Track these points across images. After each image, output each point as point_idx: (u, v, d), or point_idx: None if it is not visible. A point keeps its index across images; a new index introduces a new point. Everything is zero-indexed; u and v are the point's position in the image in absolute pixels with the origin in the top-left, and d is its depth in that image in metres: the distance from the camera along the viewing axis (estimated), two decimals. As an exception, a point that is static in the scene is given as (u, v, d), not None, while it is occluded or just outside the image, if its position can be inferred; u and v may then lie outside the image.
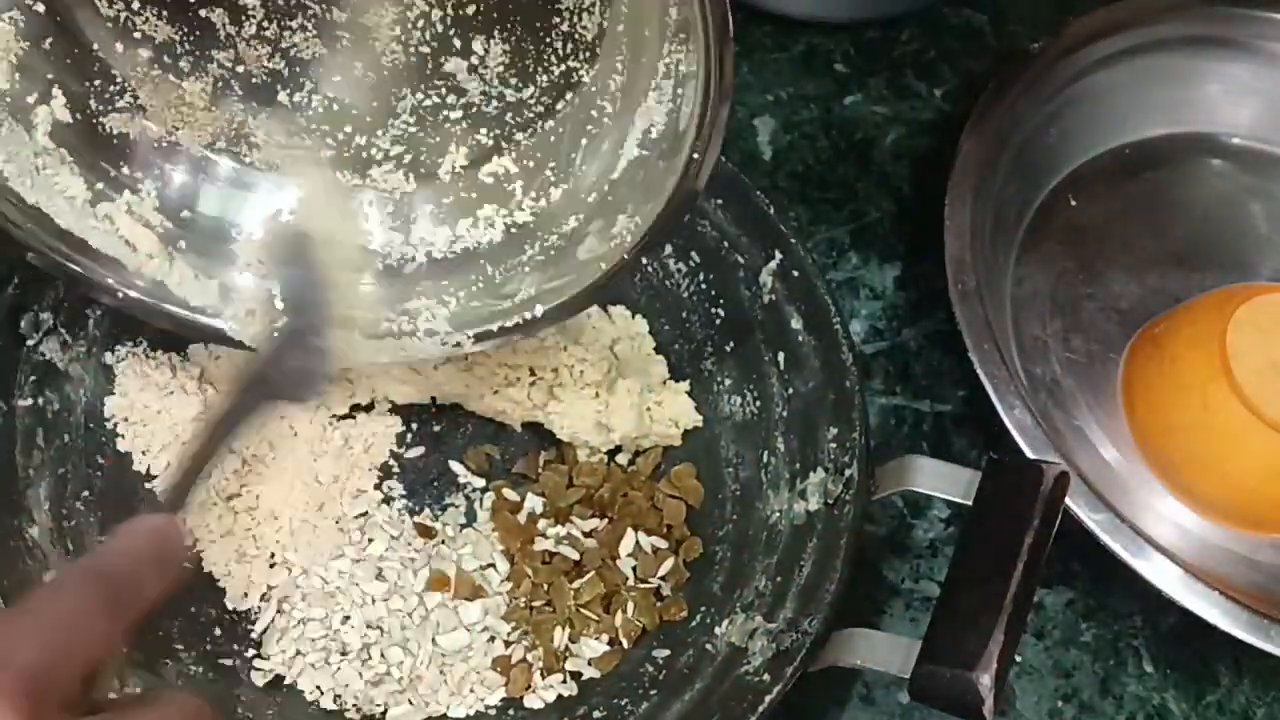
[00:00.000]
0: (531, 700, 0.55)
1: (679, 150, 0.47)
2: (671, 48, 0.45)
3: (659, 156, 0.48)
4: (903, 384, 0.67)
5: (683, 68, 0.45)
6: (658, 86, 0.47)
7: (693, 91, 0.45)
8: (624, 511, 0.59)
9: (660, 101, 0.47)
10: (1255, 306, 0.60)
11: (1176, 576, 0.55)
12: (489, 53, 0.49)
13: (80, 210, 0.51)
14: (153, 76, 0.51)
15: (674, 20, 0.44)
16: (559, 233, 0.53)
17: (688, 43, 0.44)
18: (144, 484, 0.57)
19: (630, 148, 0.49)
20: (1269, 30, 0.72)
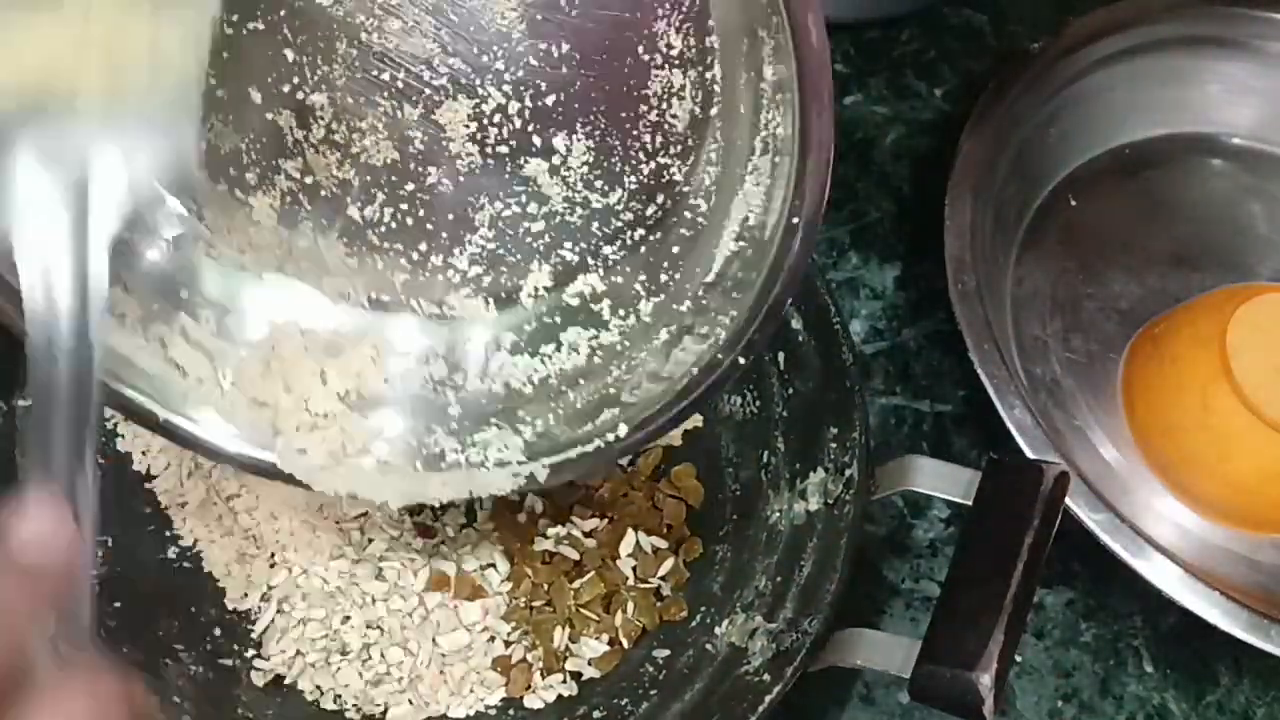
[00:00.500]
0: (531, 700, 0.55)
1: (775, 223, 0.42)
2: (769, 116, 0.41)
3: (755, 243, 0.44)
4: (903, 384, 0.67)
5: (780, 130, 0.41)
6: (755, 168, 0.43)
7: (789, 149, 0.41)
8: (624, 511, 0.59)
9: (758, 184, 0.43)
10: (1255, 306, 0.60)
11: (1176, 576, 0.55)
12: (571, 151, 0.45)
13: (129, 329, 0.47)
14: (219, 193, 0.47)
15: (770, 83, 0.40)
16: (648, 349, 0.48)
17: (783, 105, 0.40)
18: (144, 484, 0.57)
19: (727, 243, 0.45)
20: (1269, 30, 0.72)
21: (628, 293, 0.49)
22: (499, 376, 0.50)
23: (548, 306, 0.50)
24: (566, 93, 0.44)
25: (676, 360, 0.47)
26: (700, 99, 0.44)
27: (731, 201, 0.45)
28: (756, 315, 0.45)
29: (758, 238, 0.44)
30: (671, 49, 0.43)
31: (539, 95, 0.44)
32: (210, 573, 0.56)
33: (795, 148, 0.40)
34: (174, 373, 0.49)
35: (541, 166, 0.46)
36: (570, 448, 0.49)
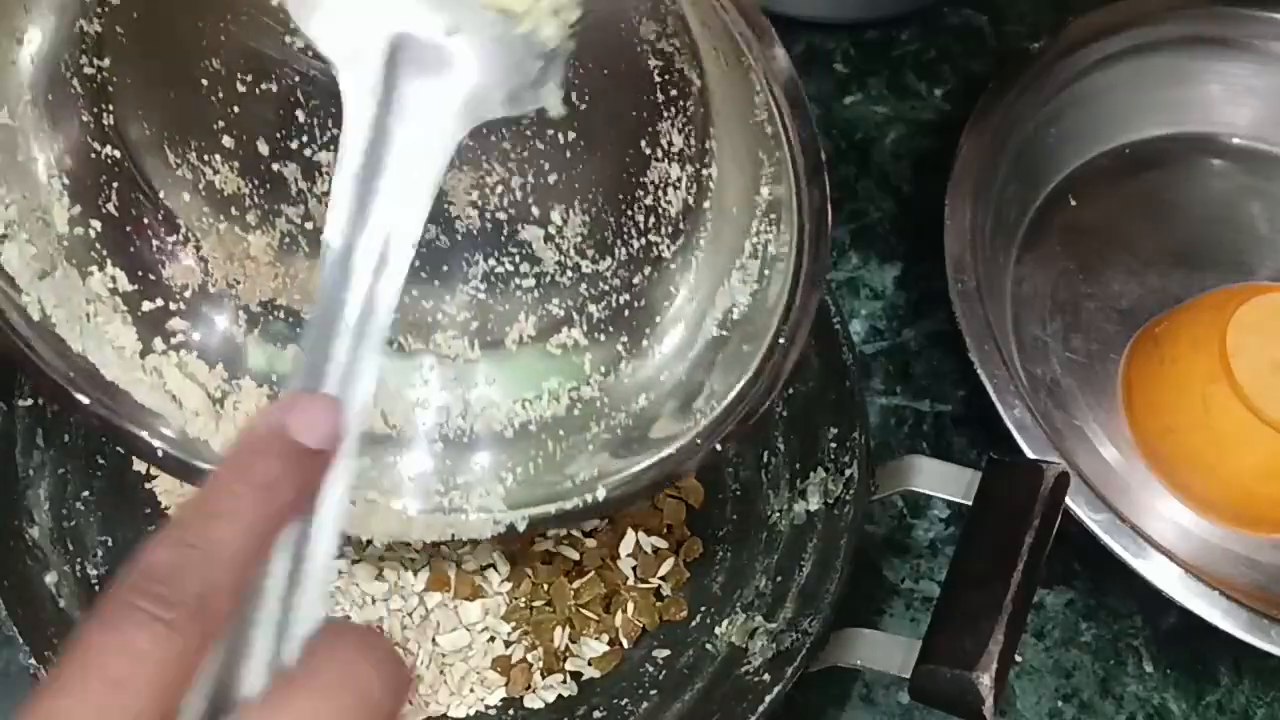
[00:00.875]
0: (531, 700, 0.55)
1: (763, 333, 0.44)
2: (760, 227, 0.43)
3: (741, 338, 0.45)
4: (903, 384, 0.67)
5: (771, 249, 0.43)
6: (743, 266, 0.44)
7: (781, 273, 0.42)
8: (624, 511, 0.59)
9: (744, 282, 0.45)
10: (1255, 306, 0.60)
11: (1176, 576, 0.55)
12: (567, 223, 0.47)
13: (128, 361, 0.48)
14: (218, 229, 0.49)
15: (765, 200, 0.42)
16: (627, 411, 0.50)
17: (778, 224, 0.42)
18: (144, 484, 0.57)
19: (709, 327, 0.47)
20: (1269, 30, 0.72)
21: (609, 352, 0.50)
22: (481, 418, 0.52)
23: (531, 354, 0.51)
24: (568, 173, 0.45)
25: (659, 428, 0.49)
26: (695, 192, 0.46)
27: (716, 289, 0.46)
28: (733, 405, 0.46)
29: (744, 335, 0.45)
30: (672, 145, 0.45)
31: (541, 174, 0.45)
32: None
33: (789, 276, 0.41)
34: (171, 405, 0.49)
35: (537, 234, 0.48)
36: (550, 503, 0.50)
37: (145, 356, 0.49)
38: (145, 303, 0.49)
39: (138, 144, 0.47)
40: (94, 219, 0.47)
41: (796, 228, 0.39)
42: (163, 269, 0.49)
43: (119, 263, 0.48)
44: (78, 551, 0.54)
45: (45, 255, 0.46)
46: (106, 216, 0.48)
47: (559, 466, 0.51)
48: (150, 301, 0.49)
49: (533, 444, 0.51)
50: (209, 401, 0.50)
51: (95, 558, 0.54)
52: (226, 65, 0.45)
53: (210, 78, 0.45)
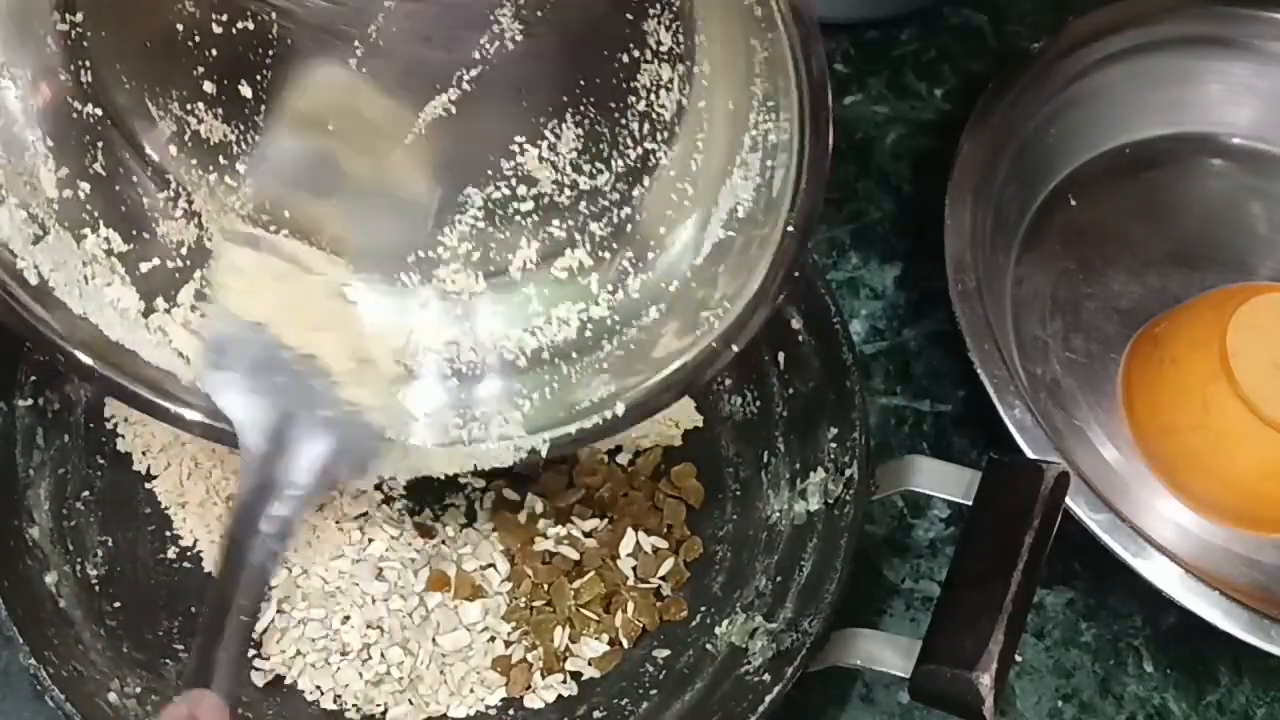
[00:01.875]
0: (531, 700, 0.55)
1: (771, 227, 0.43)
2: (758, 118, 0.42)
3: (747, 238, 0.45)
4: (903, 384, 0.67)
5: (772, 138, 0.42)
6: (744, 162, 0.44)
7: (784, 163, 0.41)
8: (624, 511, 0.59)
9: (747, 178, 0.44)
10: (1255, 306, 0.60)
11: (1176, 576, 0.55)
12: (561, 139, 0.46)
13: (132, 321, 0.48)
14: (208, 180, 0.48)
15: (760, 89, 0.41)
16: (639, 325, 0.49)
17: (777, 111, 0.41)
18: (144, 484, 0.57)
19: (714, 230, 0.46)
20: (1269, 30, 0.72)
21: (615, 269, 0.50)
22: (493, 349, 0.51)
23: (536, 280, 0.51)
24: (556, 84, 0.45)
25: (671, 339, 0.48)
26: (687, 91, 0.45)
27: (718, 190, 0.45)
28: (750, 311, 0.45)
29: (750, 233, 0.45)
30: (661, 45, 0.44)
31: (528, 88, 0.45)
32: (210, 573, 0.56)
33: (792, 163, 0.41)
34: (179, 362, 0.49)
35: (531, 153, 0.47)
36: (569, 423, 0.50)
37: (149, 315, 0.49)
38: (143, 262, 0.49)
39: (119, 99, 0.47)
40: (82, 180, 0.47)
41: (797, 107, 0.39)
42: (156, 227, 0.49)
43: (112, 223, 0.48)
44: (78, 551, 0.54)
45: (36, 219, 0.46)
46: (94, 177, 0.47)
47: (575, 387, 0.50)
48: (148, 261, 0.49)
49: (547, 369, 0.51)
50: None
51: (95, 558, 0.54)
52: (199, 6, 0.44)
53: (185, 22, 0.44)
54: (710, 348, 0.47)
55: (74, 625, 0.51)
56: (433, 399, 0.51)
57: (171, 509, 0.57)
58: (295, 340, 0.47)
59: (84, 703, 0.48)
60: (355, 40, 0.43)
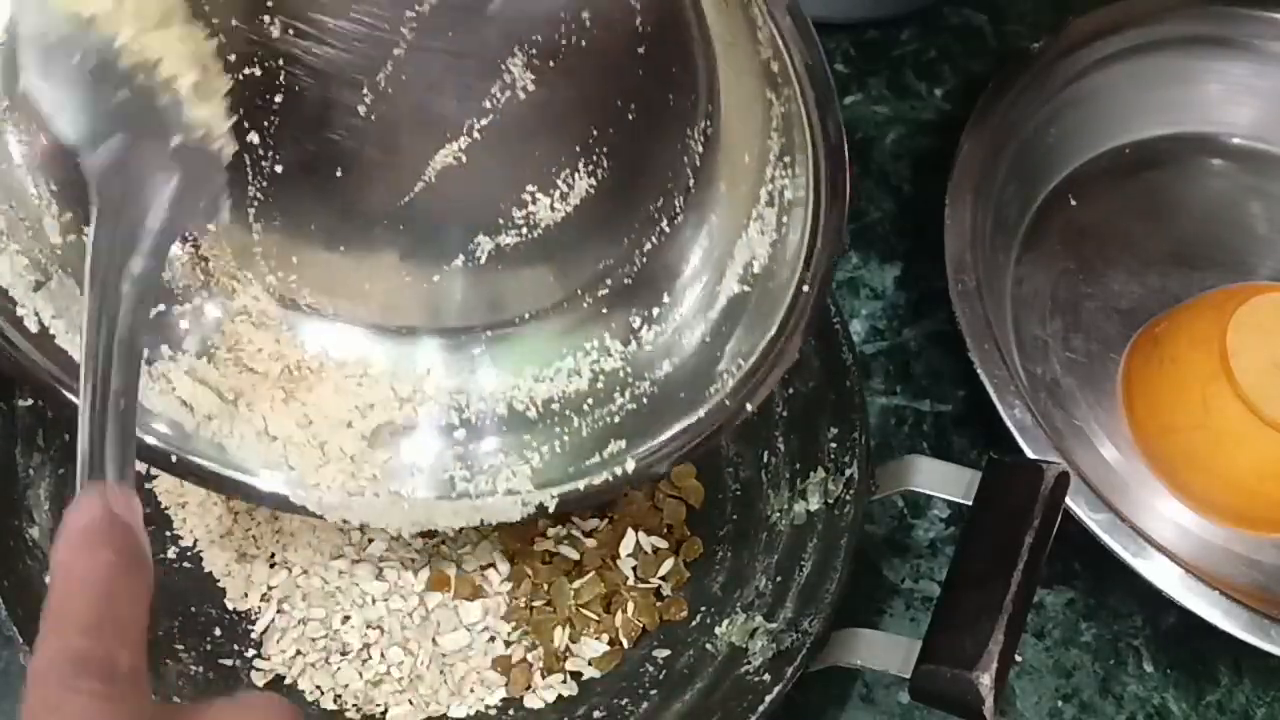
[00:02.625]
0: (531, 700, 0.55)
1: (786, 284, 0.43)
2: (775, 173, 0.42)
3: (762, 292, 0.45)
4: (903, 384, 0.67)
5: (788, 195, 0.42)
6: (760, 216, 0.43)
7: (800, 219, 0.41)
8: (624, 511, 0.59)
9: (763, 233, 0.44)
10: (1255, 306, 0.60)
11: (1176, 576, 0.55)
12: (574, 189, 0.46)
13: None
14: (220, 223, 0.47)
15: (777, 144, 0.41)
16: (652, 379, 0.49)
17: (793, 167, 0.41)
18: (144, 484, 0.57)
19: (730, 284, 0.46)
20: (1269, 30, 0.72)
21: (626, 320, 0.49)
22: (502, 399, 0.51)
23: (547, 328, 0.50)
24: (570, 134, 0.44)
25: (683, 393, 0.48)
26: (705, 144, 0.45)
27: (734, 244, 0.45)
28: (763, 368, 0.45)
29: (766, 287, 0.44)
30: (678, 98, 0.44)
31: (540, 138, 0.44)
32: (210, 573, 0.56)
33: (808, 221, 0.41)
34: (183, 410, 0.49)
35: (543, 201, 0.46)
36: (578, 479, 0.49)
37: (152, 364, 0.48)
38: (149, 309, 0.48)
39: None
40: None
41: (812, 165, 0.38)
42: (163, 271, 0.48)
43: None
44: (78, 551, 0.54)
45: (39, 265, 0.45)
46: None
47: (585, 441, 0.50)
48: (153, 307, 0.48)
49: (557, 421, 0.50)
50: (222, 403, 0.49)
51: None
52: None
53: None
54: (724, 404, 0.47)
55: (74, 625, 0.51)
56: (442, 451, 0.51)
57: (171, 509, 0.57)
58: (132, 41, 0.38)
59: (84, 703, 0.48)
60: (364, 88, 0.42)
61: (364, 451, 0.50)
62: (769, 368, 0.45)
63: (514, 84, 0.42)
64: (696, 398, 0.47)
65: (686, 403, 0.48)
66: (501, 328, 0.51)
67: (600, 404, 0.50)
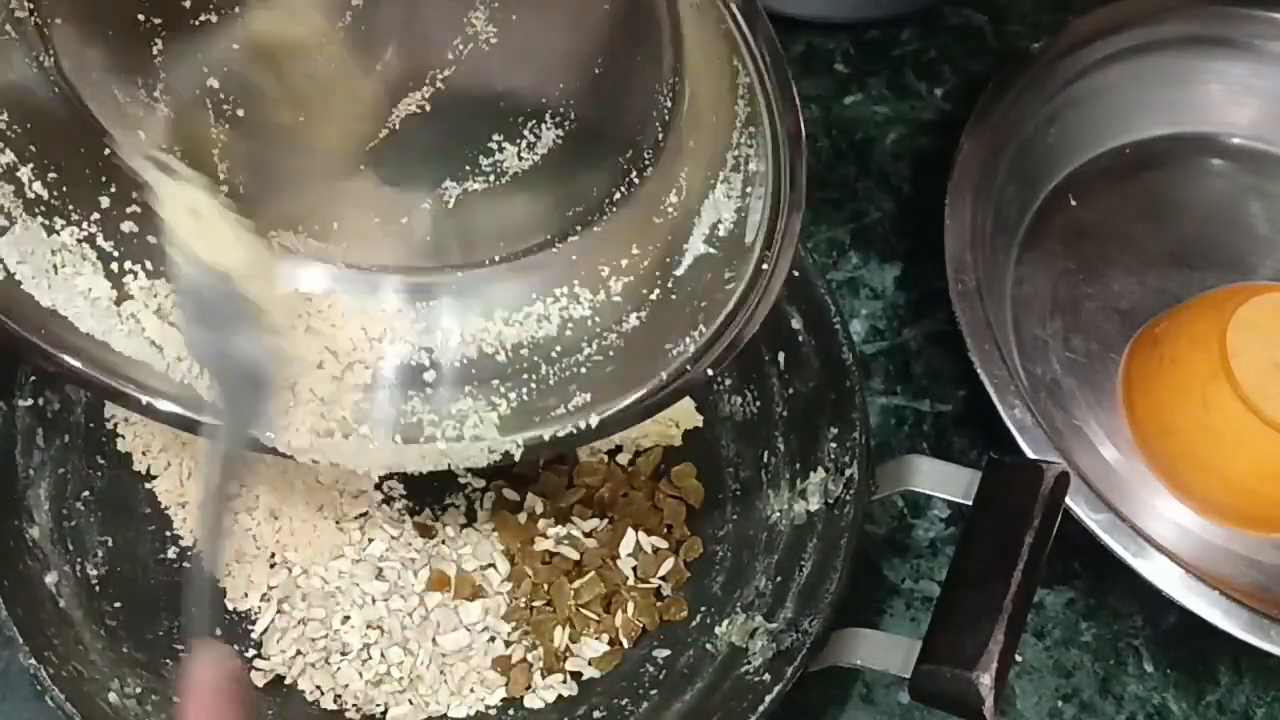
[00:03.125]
0: (531, 700, 0.55)
1: (747, 259, 0.43)
2: (740, 139, 0.42)
3: (727, 258, 0.45)
4: (903, 384, 0.67)
5: (752, 166, 0.42)
6: (726, 179, 0.44)
7: (761, 195, 0.42)
8: (624, 511, 0.59)
9: (729, 196, 0.44)
10: (1255, 306, 0.60)
11: (1176, 576, 0.55)
12: (540, 139, 0.46)
13: (104, 311, 0.48)
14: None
15: (743, 112, 0.41)
16: (619, 331, 0.50)
17: (757, 138, 0.41)
18: (144, 484, 0.57)
19: (696, 242, 0.46)
20: (1269, 30, 0.72)
21: (595, 269, 0.50)
22: (472, 341, 0.51)
23: (517, 272, 0.51)
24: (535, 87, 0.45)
25: (649, 351, 0.48)
26: (673, 100, 0.45)
27: (702, 201, 0.45)
28: (723, 332, 0.46)
29: (731, 252, 0.45)
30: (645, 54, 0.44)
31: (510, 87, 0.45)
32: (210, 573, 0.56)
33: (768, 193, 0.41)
34: (151, 351, 0.49)
35: (510, 150, 0.47)
36: (543, 428, 0.50)
37: (121, 304, 0.48)
38: (115, 249, 0.48)
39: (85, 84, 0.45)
40: (51, 170, 0.46)
41: (771, 150, 0.39)
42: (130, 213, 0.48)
43: (83, 212, 0.47)
44: (78, 551, 0.54)
45: (3, 210, 0.45)
46: (64, 166, 0.47)
47: (552, 390, 0.50)
48: (120, 248, 0.48)
49: (526, 368, 0.51)
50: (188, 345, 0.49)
51: (95, 558, 0.54)
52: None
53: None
54: (684, 368, 0.47)
55: (74, 625, 0.51)
56: (408, 393, 0.51)
57: (171, 509, 0.57)
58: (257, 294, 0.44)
59: (84, 703, 0.48)
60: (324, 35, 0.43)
61: (334, 393, 0.50)
62: (729, 339, 0.46)
63: (477, 36, 0.43)
64: (660, 358, 0.48)
65: (650, 361, 0.48)
66: (471, 269, 0.51)
67: (568, 352, 0.50)
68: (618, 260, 0.49)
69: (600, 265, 0.50)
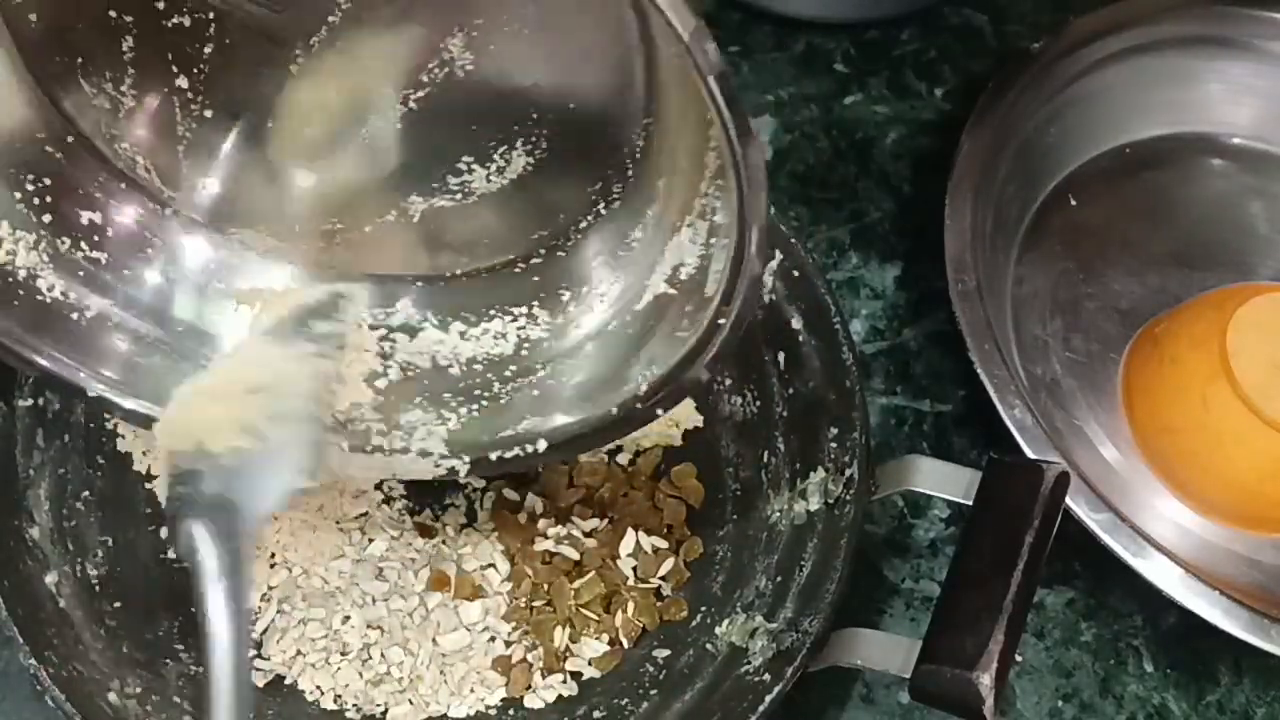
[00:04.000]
0: (531, 700, 0.55)
1: (706, 306, 0.43)
2: (709, 189, 0.42)
3: (685, 303, 0.45)
4: (903, 384, 0.67)
5: (718, 218, 0.42)
6: (692, 225, 0.44)
7: (724, 249, 0.41)
8: (624, 511, 0.59)
9: (694, 242, 0.44)
10: (1255, 306, 0.60)
11: (1177, 576, 0.55)
12: (510, 164, 0.47)
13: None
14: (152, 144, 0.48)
15: (713, 163, 0.41)
16: (574, 359, 0.50)
17: (725, 193, 0.41)
18: (144, 484, 0.57)
19: (657, 281, 0.46)
20: (1269, 30, 0.72)
21: (555, 292, 0.50)
22: (426, 352, 0.51)
23: (477, 287, 0.51)
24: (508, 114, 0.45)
25: (600, 383, 0.48)
26: (646, 137, 0.45)
27: (667, 242, 0.46)
28: (670, 375, 0.46)
29: (690, 296, 0.45)
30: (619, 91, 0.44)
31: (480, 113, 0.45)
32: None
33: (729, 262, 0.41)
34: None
35: (479, 173, 0.47)
36: (490, 450, 0.50)
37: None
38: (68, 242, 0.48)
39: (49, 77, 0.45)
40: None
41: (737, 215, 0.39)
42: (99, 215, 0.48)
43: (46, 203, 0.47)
44: (78, 551, 0.54)
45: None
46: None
47: (503, 410, 0.50)
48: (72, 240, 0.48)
49: (479, 385, 0.51)
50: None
51: (95, 558, 0.54)
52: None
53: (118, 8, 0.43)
54: (635, 407, 0.47)
55: (74, 625, 0.51)
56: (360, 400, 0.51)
57: (171, 509, 0.57)
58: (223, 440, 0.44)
59: (84, 703, 0.48)
60: (296, 49, 0.43)
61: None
62: (679, 384, 0.46)
63: (453, 62, 0.43)
64: (612, 391, 0.48)
65: (603, 393, 0.48)
66: (432, 281, 0.51)
67: (522, 373, 0.50)
68: (579, 288, 0.50)
69: (561, 290, 0.50)
